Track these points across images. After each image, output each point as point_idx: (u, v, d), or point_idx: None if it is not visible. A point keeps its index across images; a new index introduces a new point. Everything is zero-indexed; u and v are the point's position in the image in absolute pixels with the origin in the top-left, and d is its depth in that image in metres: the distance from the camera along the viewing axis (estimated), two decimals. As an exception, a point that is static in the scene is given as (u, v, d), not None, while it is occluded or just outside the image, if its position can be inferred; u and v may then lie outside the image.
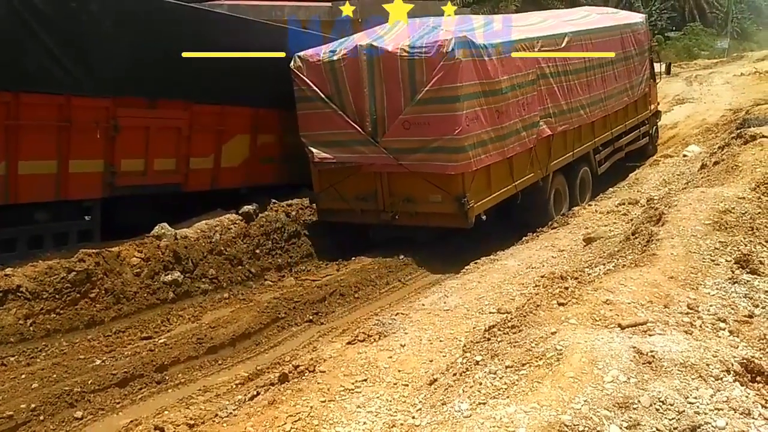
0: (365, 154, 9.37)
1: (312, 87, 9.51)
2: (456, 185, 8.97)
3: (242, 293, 8.52)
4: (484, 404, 3.67)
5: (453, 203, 8.99)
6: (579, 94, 11.48)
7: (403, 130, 9.02)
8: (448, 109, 8.72)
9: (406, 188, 9.31)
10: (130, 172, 8.48)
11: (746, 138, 10.25)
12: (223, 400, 5.86)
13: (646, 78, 15.05)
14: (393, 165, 9.24)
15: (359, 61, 9.09)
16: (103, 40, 8.00)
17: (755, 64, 31.07)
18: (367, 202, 9.63)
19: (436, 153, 8.88)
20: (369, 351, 5.50)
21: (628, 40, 13.89)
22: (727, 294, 5.02)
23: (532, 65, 10.20)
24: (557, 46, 10.90)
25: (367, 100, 9.19)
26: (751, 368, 3.93)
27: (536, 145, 10.32)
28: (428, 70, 8.68)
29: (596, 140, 12.51)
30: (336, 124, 9.42)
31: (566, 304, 4.76)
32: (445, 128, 8.78)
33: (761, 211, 6.66)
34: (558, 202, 11.21)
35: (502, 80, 9.41)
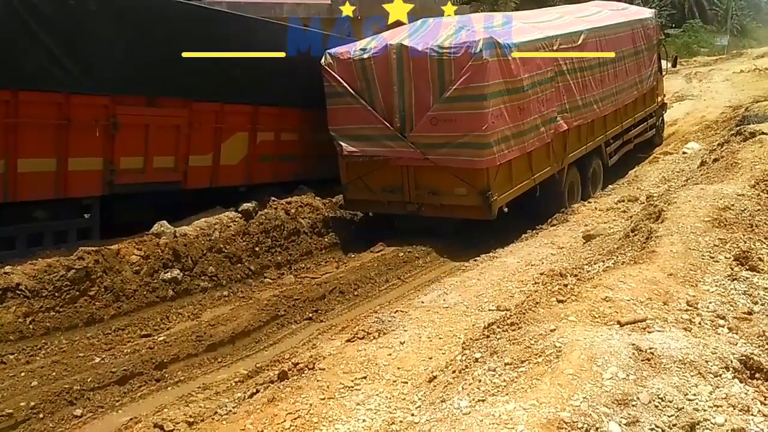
0: (393, 149, 9.75)
1: (342, 83, 9.89)
2: (481, 179, 9.36)
3: (242, 291, 8.52)
4: (484, 401, 3.67)
5: (478, 196, 9.39)
6: (593, 89, 11.81)
7: (431, 126, 9.39)
8: (475, 106, 9.08)
9: (432, 181, 9.68)
10: (130, 170, 8.47)
11: (746, 135, 10.26)
12: (222, 397, 5.87)
13: (654, 72, 15.38)
14: (420, 159, 9.60)
15: (389, 59, 9.47)
16: (101, 38, 7.99)
17: (755, 61, 31.03)
18: (394, 194, 10.02)
19: (463, 148, 9.25)
20: (368, 348, 5.50)
21: (638, 36, 14.22)
22: (726, 291, 5.02)
23: (550, 63, 10.54)
24: (574, 43, 11.22)
25: (396, 97, 9.57)
26: (750, 365, 3.94)
27: (553, 140, 10.64)
28: (456, 70, 9.04)
29: (607, 133, 12.83)
30: (365, 119, 9.81)
31: (565, 301, 4.76)
32: (472, 125, 9.14)
33: (761, 208, 6.66)
34: (572, 194, 11.54)
35: (523, 78, 9.74)
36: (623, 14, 14.82)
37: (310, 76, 10.80)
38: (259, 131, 10.21)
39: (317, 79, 10.81)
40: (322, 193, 10.97)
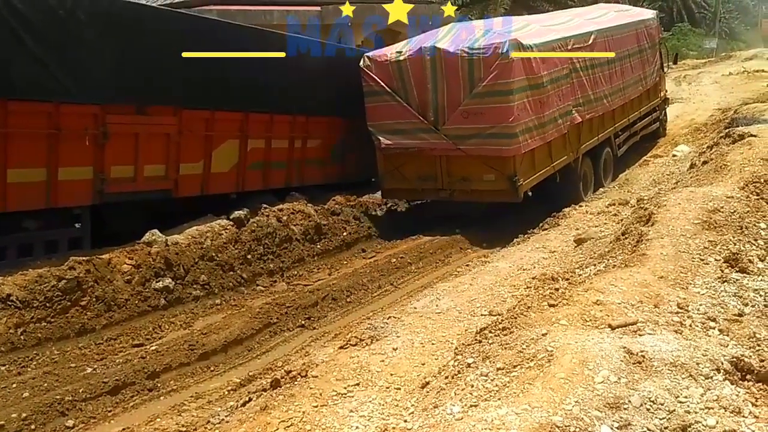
0: (427, 141, 10.79)
1: (380, 83, 10.95)
2: (508, 166, 10.42)
3: (234, 299, 8.50)
4: (476, 406, 3.68)
5: (505, 181, 10.44)
6: (603, 85, 12.86)
7: (462, 119, 10.46)
8: (502, 101, 10.13)
9: (463, 169, 10.73)
10: (120, 179, 8.45)
11: (735, 137, 10.31)
12: (215, 406, 5.86)
13: (657, 68, 16.59)
14: (452, 149, 10.65)
15: (423, 60, 10.56)
16: (91, 46, 7.97)
17: (743, 63, 31.25)
18: (428, 182, 11.08)
19: (491, 139, 10.31)
20: (361, 355, 5.50)
21: (642, 35, 15.43)
22: (716, 293, 5.04)
23: (566, 61, 11.60)
24: (585, 43, 12.28)
25: (430, 94, 10.64)
26: (741, 367, 3.95)
27: (569, 131, 11.68)
28: (485, 68, 10.11)
29: (616, 125, 13.88)
30: (401, 114, 10.86)
31: (557, 305, 4.77)
32: (499, 117, 10.20)
33: (750, 210, 6.69)
34: (586, 181, 12.52)
35: (543, 75, 10.78)
36: (627, 15, 16.04)
37: (302, 83, 10.86)
38: (250, 138, 10.20)
39: (309, 86, 10.88)
40: (314, 199, 10.96)
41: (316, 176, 11.69)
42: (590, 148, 12.60)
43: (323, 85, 11.34)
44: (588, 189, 12.54)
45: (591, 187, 12.69)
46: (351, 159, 12.45)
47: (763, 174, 7.73)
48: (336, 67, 11.82)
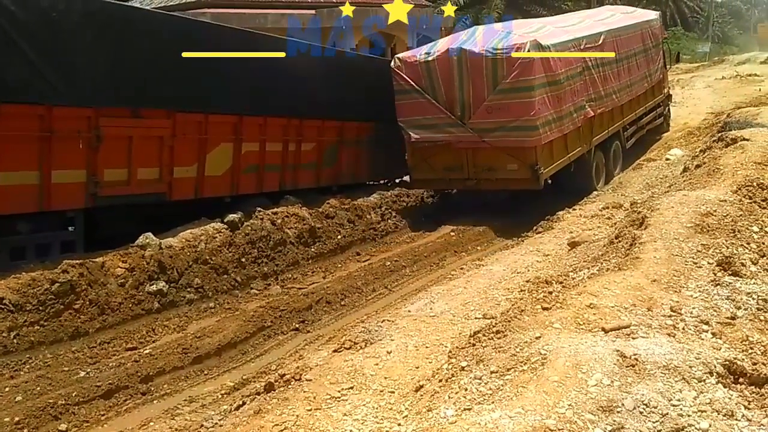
0: (454, 134, 11.64)
1: (409, 82, 11.82)
2: (530, 156, 11.27)
3: (228, 302, 8.48)
4: (470, 410, 3.68)
5: (527, 170, 11.28)
6: (612, 81, 13.80)
7: (487, 114, 11.29)
8: (524, 96, 11.01)
9: (488, 160, 11.58)
10: (113, 182, 8.43)
11: (727, 141, 10.35)
12: (208, 410, 5.84)
13: (660, 66, 17.56)
14: (477, 142, 11.47)
15: (450, 60, 11.43)
16: (84, 49, 7.96)
17: (736, 67, 31.39)
18: (454, 172, 11.95)
19: (514, 131, 11.17)
20: (355, 358, 5.50)
21: (646, 35, 16.41)
22: (709, 296, 5.05)
23: (579, 60, 12.52)
24: (596, 43, 13.20)
25: (456, 91, 11.49)
26: (733, 370, 3.96)
27: (583, 125, 12.56)
28: (508, 67, 10.97)
29: (625, 120, 14.83)
30: (430, 110, 11.70)
31: (550, 308, 4.78)
32: (522, 112, 11.07)
33: (743, 214, 6.72)
34: (598, 171, 13.41)
35: (560, 73, 11.69)
36: (633, 17, 17.07)
37: (295, 86, 10.86)
38: (244, 142, 10.19)
39: (302, 89, 10.89)
40: (308, 203, 10.95)
41: (310, 179, 11.69)
42: (602, 141, 13.49)
43: (316, 87, 11.35)
44: (600, 179, 13.42)
45: (603, 177, 13.57)
46: (345, 162, 12.46)
47: (756, 178, 7.77)
48: (330, 70, 11.84)
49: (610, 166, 14.03)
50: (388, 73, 12.20)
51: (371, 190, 12.97)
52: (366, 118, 12.87)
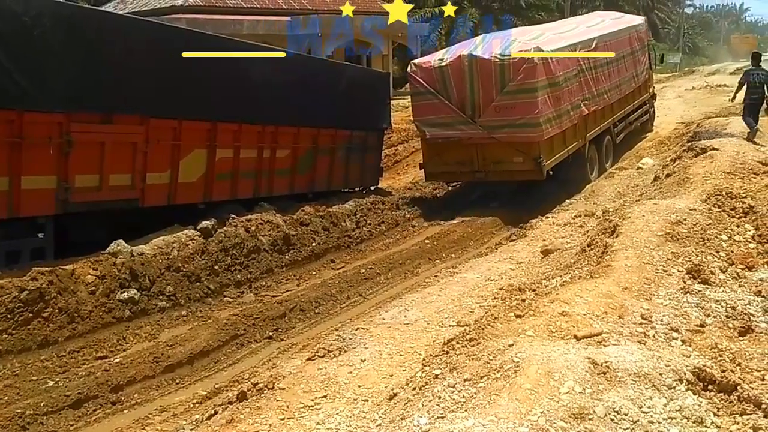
0: (465, 131, 12.77)
1: (425, 85, 12.99)
2: (534, 150, 12.50)
3: (200, 310, 8.40)
4: (443, 418, 3.68)
5: (532, 162, 12.51)
6: (604, 82, 15.05)
7: (495, 113, 12.48)
8: (528, 97, 12.25)
9: (495, 154, 12.80)
10: (85, 188, 8.30)
11: (697, 151, 10.53)
12: (180, 419, 5.78)
13: (646, 67, 18.85)
14: (486, 138, 12.65)
15: (461, 65, 12.62)
16: (55, 54, 7.86)
17: (706, 78, 31.97)
18: (465, 166, 13.15)
19: (520, 128, 12.38)
20: (329, 367, 5.48)
21: (633, 39, 17.71)
22: (679, 304, 5.13)
23: (575, 63, 13.76)
24: (589, 47, 14.52)
25: (467, 93, 12.66)
26: (703, 377, 4.02)
27: (578, 122, 13.77)
28: (514, 70, 12.21)
29: (615, 116, 16.08)
30: (443, 110, 12.84)
31: (523, 316, 4.81)
32: (526, 110, 12.27)
33: (712, 222, 6.83)
34: (592, 164, 14.72)
35: (559, 75, 12.93)
36: (621, 22, 18.37)
37: (270, 93, 10.82)
38: (218, 148, 10.12)
39: (277, 96, 10.87)
40: (283, 210, 10.90)
41: (284, 186, 11.64)
42: (595, 136, 14.73)
43: (292, 94, 11.32)
44: (594, 170, 14.68)
45: (596, 169, 14.83)
46: (320, 169, 12.44)
47: (725, 187, 7.91)
48: (305, 77, 11.82)
49: (602, 159, 15.30)
50: (365, 80, 12.17)
51: (346, 197, 12.96)
52: (342, 126, 12.88)
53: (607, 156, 15.65)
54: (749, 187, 8.27)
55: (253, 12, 22.81)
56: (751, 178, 8.72)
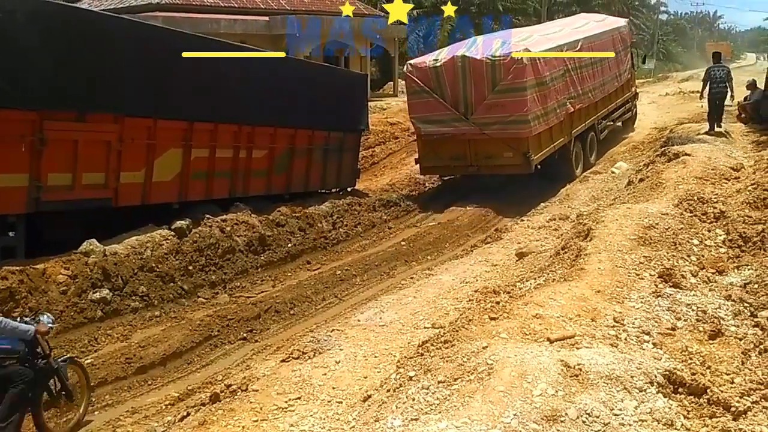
0: (458, 128, 13.53)
1: (420, 84, 13.74)
2: (523, 145, 13.26)
3: (174, 311, 8.32)
4: (417, 420, 3.69)
5: (521, 157, 13.28)
6: (588, 81, 15.90)
7: (486, 110, 13.23)
8: (518, 95, 13.01)
9: (487, 149, 13.57)
10: (57, 187, 8.18)
11: (670, 156, 10.67)
12: (151, 421, 5.73)
13: (629, 67, 19.80)
14: (478, 134, 13.42)
15: (455, 65, 13.36)
16: (29, 51, 7.74)
17: (680, 84, 32.34)
18: (458, 161, 13.96)
19: (510, 124, 13.13)
20: (303, 368, 5.47)
21: (617, 40, 18.61)
22: (651, 307, 5.19)
23: (561, 63, 14.55)
24: (574, 48, 15.36)
25: (460, 91, 13.41)
26: (673, 380, 4.07)
27: (564, 119, 14.54)
28: (504, 70, 12.98)
29: (599, 114, 16.92)
30: (437, 108, 13.57)
31: (498, 318, 4.83)
32: (516, 108, 13.04)
33: (683, 227, 6.93)
34: (578, 159, 15.51)
35: (546, 75, 13.69)
36: (604, 24, 19.29)
37: (247, 93, 10.77)
38: (194, 148, 10.04)
39: (254, 96, 10.82)
40: (258, 210, 10.84)
41: (260, 187, 11.59)
42: (580, 133, 15.51)
43: (269, 94, 11.28)
44: (579, 165, 15.44)
45: (581, 164, 15.62)
46: (297, 170, 12.40)
47: (697, 192, 8.03)
48: (283, 77, 11.78)
49: (587, 154, 16.11)
50: (343, 82, 12.13)
51: (323, 198, 12.93)
52: (319, 127, 12.85)
53: (591, 151, 16.44)
54: (720, 192, 8.41)
55: (231, 11, 22.67)
56: (722, 184, 8.87)
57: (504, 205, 13.29)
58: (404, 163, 17.99)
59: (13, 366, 5.07)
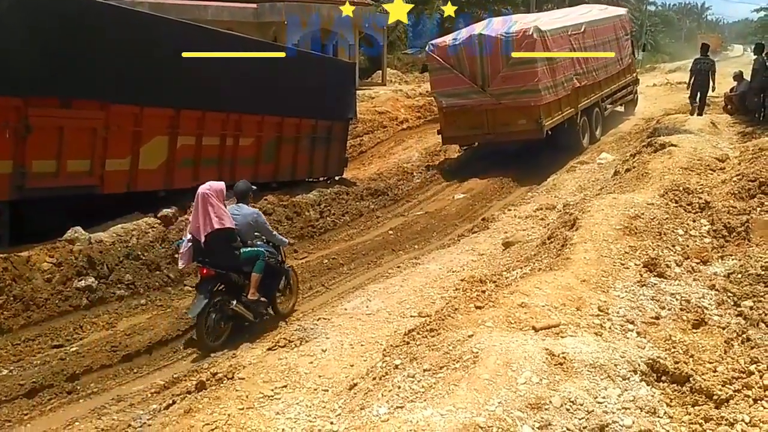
0: (477, 99, 15.16)
1: (441, 61, 15.39)
2: (535, 112, 14.82)
3: (160, 299, 8.30)
4: (402, 408, 3.70)
5: (534, 123, 14.84)
6: (592, 61, 17.51)
7: (502, 82, 14.83)
8: (530, 68, 14.63)
9: (503, 117, 15.11)
10: (42, 174, 8.11)
11: (656, 146, 10.69)
12: (137, 409, 5.71)
13: (629, 53, 21.41)
14: (495, 104, 15.04)
15: (473, 43, 15.06)
16: (12, 36, 7.65)
17: (667, 75, 32.45)
18: (477, 129, 15.52)
19: (523, 94, 14.72)
20: (290, 357, 5.47)
21: (618, 26, 20.33)
22: (635, 297, 5.22)
23: (567, 43, 16.27)
24: (579, 31, 17.05)
25: (478, 66, 15.02)
26: (656, 368, 4.10)
27: (571, 93, 16.18)
28: (517, 45, 14.63)
29: (603, 92, 18.52)
30: (457, 83, 15.19)
31: (483, 307, 4.85)
32: (528, 79, 14.65)
33: (669, 217, 6.96)
34: (584, 131, 17.04)
35: (554, 51, 15.28)
36: (606, 12, 21.06)
37: (234, 80, 10.71)
38: (180, 135, 9.97)
39: (241, 83, 10.76)
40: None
41: (247, 175, 11.50)
42: (586, 107, 17.05)
43: (256, 83, 11.21)
44: (585, 137, 16.97)
45: (588, 136, 17.14)
46: (284, 158, 12.36)
47: (682, 182, 8.06)
48: (270, 65, 11.71)
49: (593, 128, 17.58)
50: (331, 70, 12.04)
51: (310, 187, 12.91)
52: (306, 115, 12.80)
53: (596, 125, 17.89)
54: (706, 182, 8.45)
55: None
56: (707, 174, 8.91)
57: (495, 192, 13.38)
58: (392, 153, 17.99)
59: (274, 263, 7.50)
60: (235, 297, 7.05)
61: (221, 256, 6.94)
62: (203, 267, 6.96)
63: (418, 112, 22.30)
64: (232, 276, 7.02)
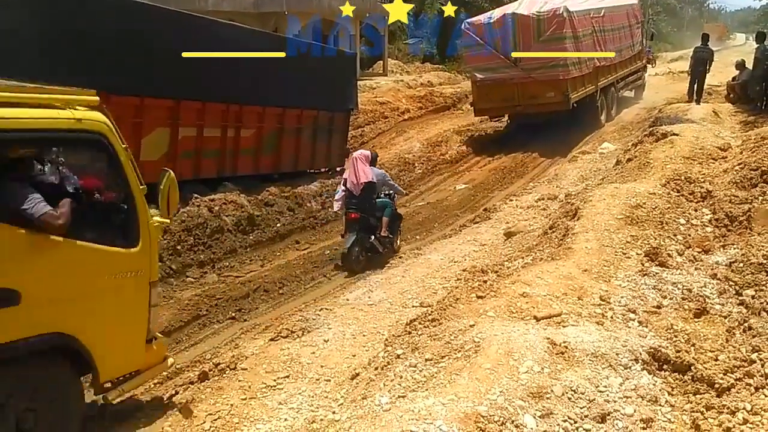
0: (508, 73, 16.36)
1: (476, 38, 16.66)
2: (564, 86, 16.03)
3: (162, 291, 8.28)
4: (404, 397, 3.72)
5: (561, 96, 16.05)
6: (610, 44, 18.68)
7: (533, 58, 15.89)
8: (559, 44, 15.88)
9: (533, 90, 16.28)
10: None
11: (658, 136, 10.68)
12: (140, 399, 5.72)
13: (640, 40, 22.72)
14: (525, 78, 16.21)
15: (506, 20, 16.24)
16: (10, 28, 7.63)
17: (669, 64, 32.35)
18: (508, 102, 16.79)
19: (552, 68, 15.94)
20: (292, 347, 5.48)
21: (630, 14, 21.63)
22: (637, 286, 5.22)
23: (590, 24, 17.50)
24: (599, 14, 18.28)
25: (511, 42, 16.21)
26: (658, 357, 4.11)
27: (592, 71, 17.38)
28: (548, 23, 15.88)
29: (618, 74, 19.74)
30: (490, 58, 16.46)
31: (485, 297, 4.86)
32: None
33: (670, 206, 6.95)
34: (602, 108, 18.23)
35: (579, 30, 16.58)
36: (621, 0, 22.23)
37: (234, 71, 10.68)
38: (181, 127, 9.97)
39: (242, 74, 10.73)
40: (247, 190, 10.80)
41: (249, 166, 11.53)
42: (603, 86, 18.18)
43: (257, 73, 11.19)
44: (603, 113, 18.20)
45: (605, 114, 18.36)
46: (286, 149, 12.35)
47: (684, 172, 8.05)
48: (270, 56, 11.68)
49: (609, 106, 18.86)
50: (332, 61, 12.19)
51: (312, 178, 12.90)
52: (308, 106, 12.78)
53: (612, 104, 19.20)
54: (707, 172, 8.44)
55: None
56: (709, 164, 8.90)
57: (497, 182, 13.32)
58: (393, 143, 17.96)
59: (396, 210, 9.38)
60: (372, 234, 8.88)
61: (365, 203, 8.82)
62: (352, 212, 8.75)
63: (419, 102, 22.24)
64: (370, 219, 8.85)
